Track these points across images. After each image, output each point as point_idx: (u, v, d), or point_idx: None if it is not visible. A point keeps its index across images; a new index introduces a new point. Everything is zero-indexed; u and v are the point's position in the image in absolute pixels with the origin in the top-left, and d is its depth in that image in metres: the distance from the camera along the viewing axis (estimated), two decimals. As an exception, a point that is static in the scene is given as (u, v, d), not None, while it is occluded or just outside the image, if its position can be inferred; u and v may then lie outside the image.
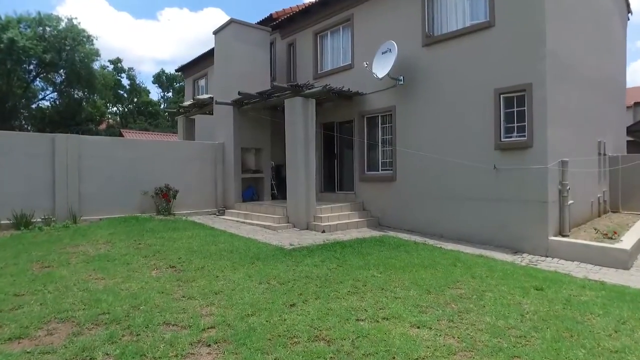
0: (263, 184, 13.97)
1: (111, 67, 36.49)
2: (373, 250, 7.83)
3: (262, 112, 13.62)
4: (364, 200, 11.97)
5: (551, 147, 8.11)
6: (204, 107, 15.58)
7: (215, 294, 5.16)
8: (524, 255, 8.15)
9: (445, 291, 5.52)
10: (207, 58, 19.22)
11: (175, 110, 17.59)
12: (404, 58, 10.46)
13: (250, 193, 13.98)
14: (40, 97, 30.11)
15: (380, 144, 11.71)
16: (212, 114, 14.69)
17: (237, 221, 11.65)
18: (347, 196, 12.54)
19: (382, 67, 10.51)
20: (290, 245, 8.24)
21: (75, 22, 27.14)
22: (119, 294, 5.04)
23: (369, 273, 6.24)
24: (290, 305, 4.81)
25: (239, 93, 11.54)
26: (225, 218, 12.31)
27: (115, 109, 38.31)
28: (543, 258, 7.89)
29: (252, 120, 13.53)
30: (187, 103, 15.93)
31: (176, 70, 24.08)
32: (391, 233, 10.11)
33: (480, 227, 9.08)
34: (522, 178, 8.38)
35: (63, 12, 56.97)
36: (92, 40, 28.49)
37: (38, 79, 29.25)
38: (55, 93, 29.95)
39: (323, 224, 10.25)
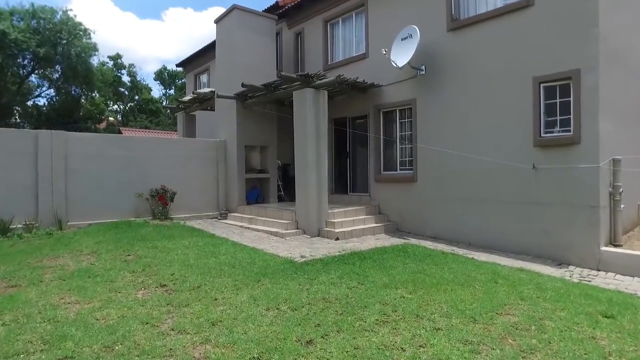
0: (269, 184, 13.01)
1: (111, 63, 35.71)
2: (397, 262, 6.84)
3: (267, 106, 12.66)
4: (380, 203, 10.98)
5: (603, 144, 7.08)
6: (205, 102, 14.64)
7: (213, 324, 4.19)
8: (571, 268, 7.13)
9: (494, 319, 4.53)
10: (209, 51, 18.32)
11: (175, 106, 16.67)
12: (425, 45, 9.45)
13: (255, 195, 13.02)
14: (36, 94, 29.36)
15: (398, 141, 10.72)
16: (214, 109, 13.74)
17: (241, 226, 10.69)
18: (361, 198, 11.56)
19: (402, 55, 9.50)
20: (302, 256, 7.26)
21: (71, 14, 26.37)
22: (92, 326, 4.09)
23: (397, 293, 5.26)
24: (307, 342, 3.83)
25: (243, 85, 10.58)
26: (228, 223, 11.36)
27: (115, 106, 37.53)
28: (595, 272, 6.87)
29: (256, 116, 12.58)
30: (187, 98, 15.00)
31: (177, 65, 23.14)
32: (413, 241, 9.11)
33: (516, 234, 8.06)
34: (567, 179, 7.37)
35: (70, 13, 57.07)
36: (90, 34, 27.65)
37: (33, 75, 28.50)
38: (52, 90, 29.24)
39: (336, 230, 9.27)
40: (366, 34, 11.33)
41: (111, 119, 35.41)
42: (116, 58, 35.60)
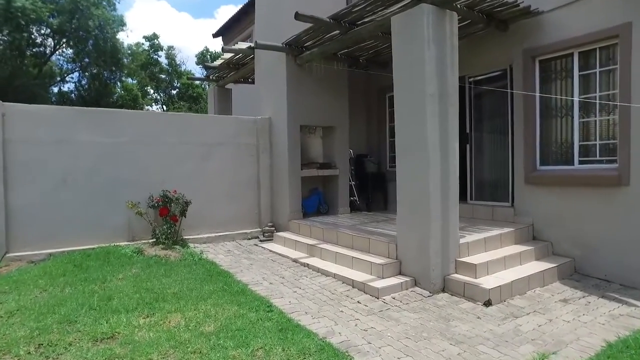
0: (337, 186, 8.74)
1: (147, 44, 32.78)
2: None
3: (336, 64, 8.37)
4: (537, 222, 6.41)
5: None
6: (242, 67, 10.56)
7: None
8: None
9: None
10: (249, 13, 14.36)
11: (203, 77, 12.76)
12: None
13: (316, 202, 8.80)
14: (60, 79, 26.55)
15: (576, 110, 6.05)
16: (254, 82, 9.64)
17: (295, 261, 6.48)
18: (495, 211, 7.02)
19: None
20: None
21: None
22: None
23: None
24: None
25: (297, 16, 6.26)
26: (274, 251, 7.18)
27: (154, 93, 34.63)
28: None
29: (317, 81, 8.32)
30: (218, 62, 10.99)
31: (214, 36, 19.37)
32: (651, 311, 4.48)
33: None
34: None
35: (131, 16, 59.30)
36: (114, 4, 24.38)
37: (59, 56, 25.86)
38: (76, 73, 26.40)
39: (481, 282, 4.84)
40: None
41: (147, 107, 32.53)
42: (152, 38, 32.60)
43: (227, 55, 10.31)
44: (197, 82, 33.96)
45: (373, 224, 7.21)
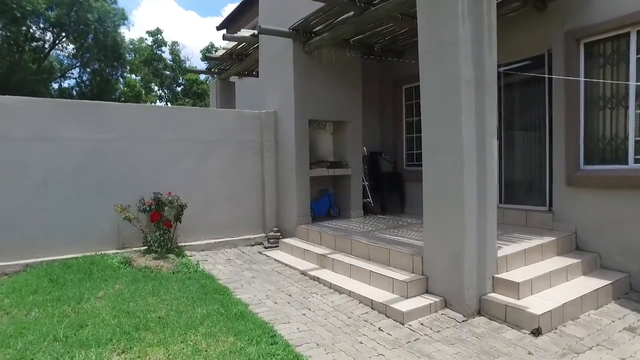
0: (349, 186, 7.97)
1: (150, 39, 32.00)
2: None
3: (348, 52, 7.60)
4: (580, 229, 5.59)
5: None
6: (246, 58, 9.82)
7: None
8: None
9: None
10: (253, 4, 13.58)
11: (204, 69, 12.04)
12: None
13: (326, 204, 8.04)
14: (60, 74, 25.82)
15: (631, 99, 5.21)
16: (259, 74, 8.88)
17: (304, 274, 5.72)
18: (531, 216, 6.22)
19: None
20: None
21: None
22: None
23: None
24: None
25: (306, -7, 5.49)
26: (279, 261, 6.42)
27: (159, 89, 33.89)
28: None
29: (328, 71, 7.55)
30: (219, 53, 10.24)
31: (218, 29, 18.59)
32: None
33: None
34: None
35: (138, 15, 59.29)
36: (115, -4, 23.68)
37: (60, 51, 25.15)
38: (77, 68, 25.70)
39: (526, 305, 4.04)
40: None
41: (151, 104, 31.85)
42: (156, 33, 31.86)
43: (230, 45, 9.58)
44: (202, 78, 33.25)
45: (391, 231, 6.43)
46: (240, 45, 9.28)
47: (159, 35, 31.63)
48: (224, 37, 8.51)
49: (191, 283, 4.97)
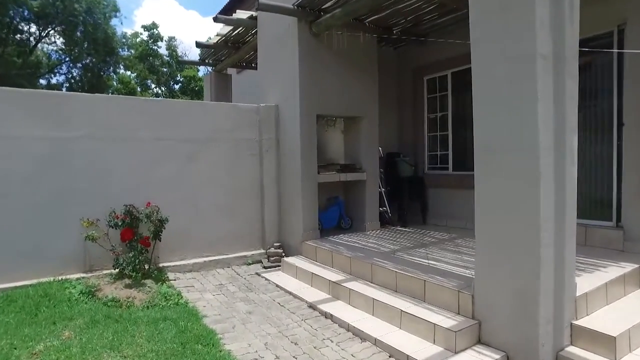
0: (363, 193, 6.82)
1: (145, 34, 30.77)
2: None
3: (361, 37, 6.46)
4: (663, 252, 4.44)
5: None
6: (243, 46, 8.67)
7: None
8: None
9: None
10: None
11: (197, 60, 10.89)
12: None
13: (336, 214, 6.89)
14: (48, 70, 24.49)
15: None
16: (257, 67, 7.74)
17: (312, 308, 4.56)
18: (592, 233, 5.10)
19: None
20: None
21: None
22: None
23: None
24: None
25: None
26: (282, 287, 5.26)
27: (155, 87, 32.62)
28: None
29: (339, 57, 6.40)
30: (213, 40, 9.09)
31: (215, 20, 17.38)
32: None
33: None
34: None
35: (140, 14, 59.15)
36: (106, -15, 22.41)
37: (47, 44, 23.83)
38: (66, 64, 24.35)
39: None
40: None
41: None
42: (151, 28, 30.61)
43: (225, 31, 8.42)
44: (201, 75, 32.09)
45: (419, 251, 5.27)
46: (236, 31, 8.12)
47: (154, 30, 30.43)
48: (217, 20, 7.36)
49: (167, 327, 3.81)
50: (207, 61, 10.22)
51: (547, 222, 3.10)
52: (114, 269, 5.13)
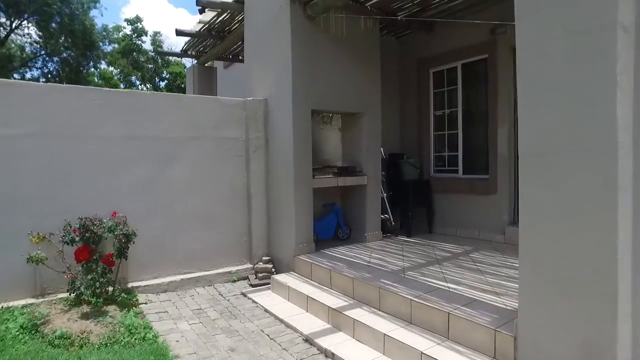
0: (364, 199, 6.05)
1: (129, 28, 29.60)
2: None
3: (363, 23, 5.68)
4: None
5: None
6: (228, 35, 7.85)
7: None
8: None
9: None
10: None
11: (178, 52, 10.04)
12: None
13: (333, 223, 6.11)
14: (22, 63, 23.17)
15: None
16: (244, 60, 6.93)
17: (309, 342, 3.78)
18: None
19: None
20: None
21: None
22: None
23: None
24: None
25: None
26: (271, 312, 4.47)
27: (140, 84, 31.49)
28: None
29: (337, 44, 5.62)
30: (195, 28, 8.26)
31: (197, 4, 16.49)
32: None
33: None
34: None
35: (129, 12, 58.76)
36: (84, -25, 21.20)
37: (22, 37, 22.58)
38: (40, 58, 23.08)
39: None
40: None
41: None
42: (135, 22, 29.46)
43: (207, 17, 7.62)
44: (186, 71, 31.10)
45: (434, 269, 4.51)
46: (221, 17, 7.30)
47: (138, 24, 29.32)
48: (199, 3, 6.55)
49: (126, 375, 3.00)
50: (189, 52, 9.36)
51: (625, 246, 2.35)
52: (73, 291, 4.29)
